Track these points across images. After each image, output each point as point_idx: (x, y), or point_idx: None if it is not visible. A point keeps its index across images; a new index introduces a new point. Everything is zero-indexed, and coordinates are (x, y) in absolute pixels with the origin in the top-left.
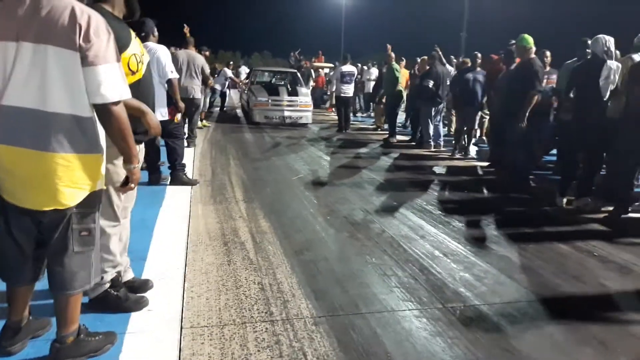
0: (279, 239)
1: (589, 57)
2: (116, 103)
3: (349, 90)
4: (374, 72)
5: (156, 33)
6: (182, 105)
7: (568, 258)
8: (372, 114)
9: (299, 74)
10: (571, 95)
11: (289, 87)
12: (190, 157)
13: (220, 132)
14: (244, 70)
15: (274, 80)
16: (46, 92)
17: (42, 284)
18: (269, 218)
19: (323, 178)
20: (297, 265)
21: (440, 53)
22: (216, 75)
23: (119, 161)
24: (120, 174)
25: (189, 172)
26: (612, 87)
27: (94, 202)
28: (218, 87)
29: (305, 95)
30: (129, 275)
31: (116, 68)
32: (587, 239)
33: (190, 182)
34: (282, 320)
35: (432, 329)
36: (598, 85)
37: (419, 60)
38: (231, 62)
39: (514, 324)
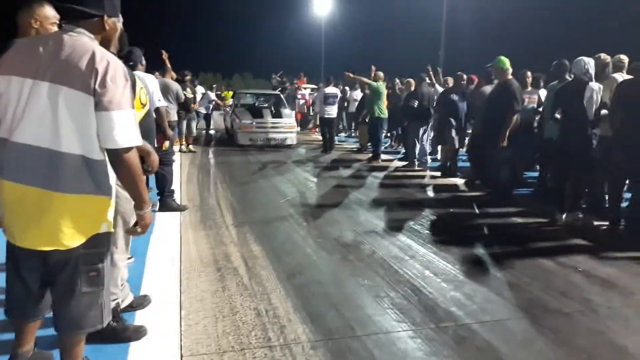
0: (271, 263)
1: (570, 78)
2: (127, 149)
3: (332, 111)
4: (359, 93)
5: (144, 62)
6: (170, 132)
7: (554, 274)
8: (356, 134)
9: (282, 96)
10: (557, 115)
11: (272, 109)
12: (177, 182)
13: (206, 155)
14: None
15: (257, 102)
16: (58, 132)
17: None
18: (260, 242)
19: (311, 200)
20: (291, 290)
21: (431, 73)
22: (200, 99)
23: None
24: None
25: (177, 197)
26: (595, 106)
27: (102, 243)
28: (202, 110)
29: (289, 117)
30: (129, 300)
31: (130, 115)
32: (571, 254)
33: (180, 208)
34: (281, 346)
35: (427, 349)
36: (582, 105)
37: (397, 80)
38: (214, 85)
39: (505, 341)
